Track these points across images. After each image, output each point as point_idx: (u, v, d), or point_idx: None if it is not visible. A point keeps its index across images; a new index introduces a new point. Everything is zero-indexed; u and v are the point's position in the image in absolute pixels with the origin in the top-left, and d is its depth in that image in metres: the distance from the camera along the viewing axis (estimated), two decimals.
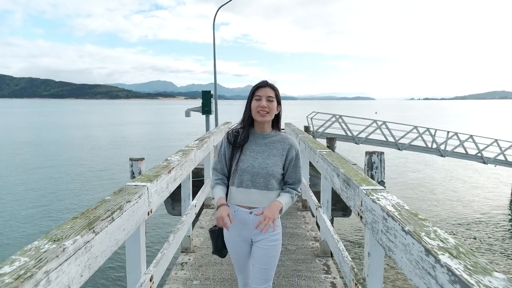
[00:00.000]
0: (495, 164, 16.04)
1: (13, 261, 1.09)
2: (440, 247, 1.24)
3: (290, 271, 3.30)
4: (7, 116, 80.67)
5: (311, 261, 3.52)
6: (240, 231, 1.94)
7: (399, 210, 1.66)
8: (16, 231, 10.35)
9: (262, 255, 1.92)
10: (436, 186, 16.63)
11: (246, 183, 1.90)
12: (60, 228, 1.38)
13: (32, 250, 1.17)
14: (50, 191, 14.65)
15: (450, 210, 13.04)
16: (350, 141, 15.67)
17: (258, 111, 1.87)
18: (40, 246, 1.20)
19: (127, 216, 1.74)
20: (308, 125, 15.60)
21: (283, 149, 1.94)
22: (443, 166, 20.97)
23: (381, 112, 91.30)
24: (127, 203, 1.75)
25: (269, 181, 1.90)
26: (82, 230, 1.36)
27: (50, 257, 1.13)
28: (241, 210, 1.91)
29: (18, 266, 1.05)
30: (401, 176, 18.49)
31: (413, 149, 15.71)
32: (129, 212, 1.77)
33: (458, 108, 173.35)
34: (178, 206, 7.30)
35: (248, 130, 1.95)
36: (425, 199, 14.33)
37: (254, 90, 1.91)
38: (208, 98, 12.10)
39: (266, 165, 1.89)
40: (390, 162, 21.78)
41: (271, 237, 1.93)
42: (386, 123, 15.38)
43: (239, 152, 1.93)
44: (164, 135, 38.22)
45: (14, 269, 1.04)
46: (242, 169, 1.90)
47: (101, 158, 22.67)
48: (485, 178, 18.33)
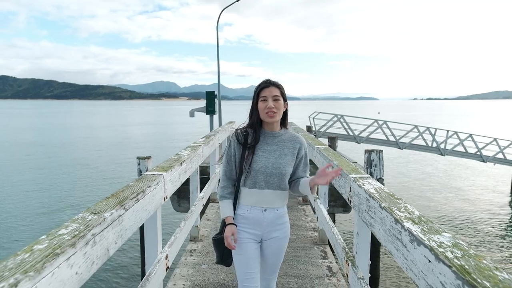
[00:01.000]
0: (494, 162, 16.22)
1: (67, 226, 1.39)
2: (406, 217, 1.54)
3: (291, 256, 3.59)
4: (14, 117, 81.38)
5: (310, 248, 3.82)
6: (252, 229, 1.92)
7: (379, 192, 1.95)
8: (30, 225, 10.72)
9: (274, 250, 1.96)
10: (436, 183, 16.87)
11: (259, 184, 1.88)
12: (97, 205, 1.69)
13: (79, 219, 1.47)
14: (59, 190, 15.05)
15: (450, 207, 13.27)
16: (352, 141, 15.93)
17: (267, 113, 1.85)
18: (85, 217, 1.51)
19: (148, 199, 2.04)
20: (310, 125, 15.88)
21: (294, 148, 1.94)
22: (443, 164, 21.20)
23: (384, 112, 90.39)
24: (148, 188, 2.06)
25: (282, 181, 1.90)
26: (116, 206, 1.67)
27: (94, 224, 1.44)
28: (255, 209, 1.90)
29: (72, 229, 1.36)
30: (401, 174, 18.73)
31: (413, 148, 15.94)
32: (149, 195, 2.07)
33: (462, 108, 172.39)
34: (183, 203, 7.62)
35: (258, 131, 1.91)
36: (425, 196, 14.57)
37: (259, 91, 1.88)
38: (212, 98, 12.38)
39: (279, 165, 1.88)
40: (391, 161, 22.04)
41: (282, 234, 1.96)
42: (386, 122, 15.63)
43: (250, 152, 1.89)
44: (169, 135, 38.63)
45: (70, 231, 1.34)
46: (256, 170, 1.87)
47: (108, 158, 23.10)
48: (484, 176, 18.55)
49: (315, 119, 16.24)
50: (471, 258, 1.14)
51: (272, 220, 1.91)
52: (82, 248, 1.29)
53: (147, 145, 29.71)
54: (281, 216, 1.95)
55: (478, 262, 1.11)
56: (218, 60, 15.03)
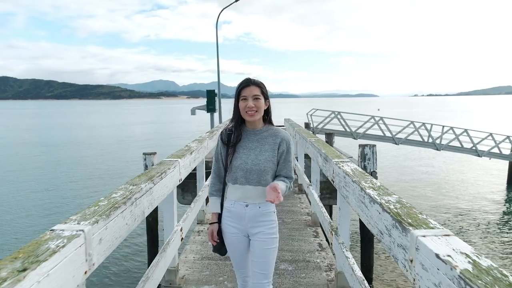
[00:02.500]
0: (489, 157, 16.66)
1: (117, 192, 1.89)
2: (369, 186, 2.03)
3: (286, 236, 4.08)
4: (20, 118, 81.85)
5: (304, 229, 4.32)
6: (237, 224, 1.98)
7: (354, 171, 2.45)
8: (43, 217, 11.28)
9: (259, 248, 1.95)
10: (431, 177, 17.37)
11: (240, 180, 1.94)
12: (133, 180, 2.18)
13: (123, 188, 1.97)
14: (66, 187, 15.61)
15: (445, 200, 13.77)
16: (349, 137, 16.40)
17: (246, 111, 1.89)
18: (127, 187, 2.00)
19: (168, 178, 2.54)
20: (308, 121, 16.37)
21: (274, 143, 1.97)
22: (438, 159, 21.69)
23: (385, 109, 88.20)
24: (168, 169, 2.55)
25: (262, 177, 1.93)
26: (147, 181, 2.17)
27: (135, 191, 1.94)
28: (238, 203, 1.97)
29: (121, 194, 1.85)
30: (397, 169, 19.24)
31: (409, 143, 16.39)
32: (169, 175, 2.57)
33: (464, 104, 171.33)
34: (187, 196, 8.14)
35: (240, 129, 1.97)
36: (420, 189, 15.06)
37: (239, 90, 1.92)
38: (212, 97, 13.05)
39: (259, 162, 1.92)
40: (387, 156, 22.56)
41: (267, 230, 1.96)
42: (383, 118, 16.10)
43: (232, 150, 1.97)
44: (170, 133, 39.18)
45: (119, 195, 1.85)
46: (236, 167, 1.94)
47: (113, 156, 23.71)
48: (479, 170, 19.03)
49: (312, 116, 16.71)
50: (406, 209, 1.62)
51: (254, 216, 1.94)
52: (129, 206, 1.79)
53: (150, 143, 30.24)
54: (264, 214, 1.96)
55: (409, 210, 1.60)
56: (218, 60, 15.50)
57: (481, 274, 0.97)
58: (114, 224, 1.59)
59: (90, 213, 1.52)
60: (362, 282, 2.17)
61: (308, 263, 3.40)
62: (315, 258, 3.51)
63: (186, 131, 41.24)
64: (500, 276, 0.96)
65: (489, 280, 0.94)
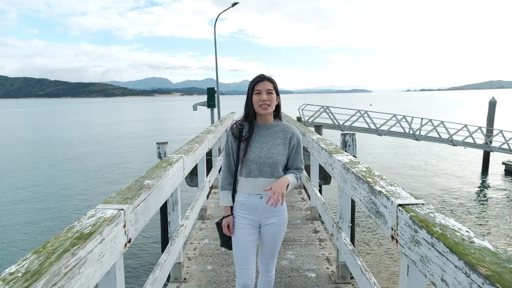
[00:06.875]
0: (464, 146, 17.26)
1: (143, 180, 2.07)
2: (359, 171, 2.24)
3: (286, 230, 4.30)
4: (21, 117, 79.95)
5: (304, 223, 4.48)
6: (250, 215, 1.99)
7: (349, 162, 2.67)
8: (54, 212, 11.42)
9: (270, 234, 2.02)
10: (412, 165, 17.96)
11: (254, 173, 1.95)
12: (157, 165, 2.41)
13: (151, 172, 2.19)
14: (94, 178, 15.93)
15: (426, 185, 14.30)
16: (337, 129, 16.80)
17: (260, 105, 1.92)
18: (154, 170, 2.24)
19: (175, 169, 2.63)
20: (300, 115, 16.75)
21: (285, 138, 1.99)
22: (418, 149, 22.39)
23: (377, 104, 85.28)
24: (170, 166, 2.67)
25: (275, 169, 1.96)
26: (168, 165, 2.40)
27: (161, 173, 2.15)
28: (252, 196, 1.97)
29: (146, 183, 1.99)
30: (379, 157, 19.84)
31: (391, 134, 16.85)
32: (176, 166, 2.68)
33: (455, 99, 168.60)
34: (195, 179, 8.30)
35: (253, 123, 1.99)
36: (400, 175, 15.59)
37: (254, 84, 1.94)
38: (212, 94, 13.98)
39: (272, 155, 1.94)
40: (371, 146, 23.15)
41: (279, 220, 2.01)
42: (367, 112, 16.57)
43: (245, 144, 1.97)
44: (172, 129, 38.93)
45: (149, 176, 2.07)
46: (250, 160, 1.94)
47: (120, 151, 24.16)
48: (455, 159, 19.72)
49: (303, 110, 17.08)
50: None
51: (268, 207, 1.95)
52: (150, 195, 1.92)
53: (155, 139, 30.17)
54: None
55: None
56: (216, 60, 15.73)
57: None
58: (139, 207, 1.72)
59: (116, 195, 1.68)
60: (366, 272, 2.20)
61: (309, 256, 3.47)
62: (315, 246, 3.67)
63: (187, 127, 41.05)
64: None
65: None
